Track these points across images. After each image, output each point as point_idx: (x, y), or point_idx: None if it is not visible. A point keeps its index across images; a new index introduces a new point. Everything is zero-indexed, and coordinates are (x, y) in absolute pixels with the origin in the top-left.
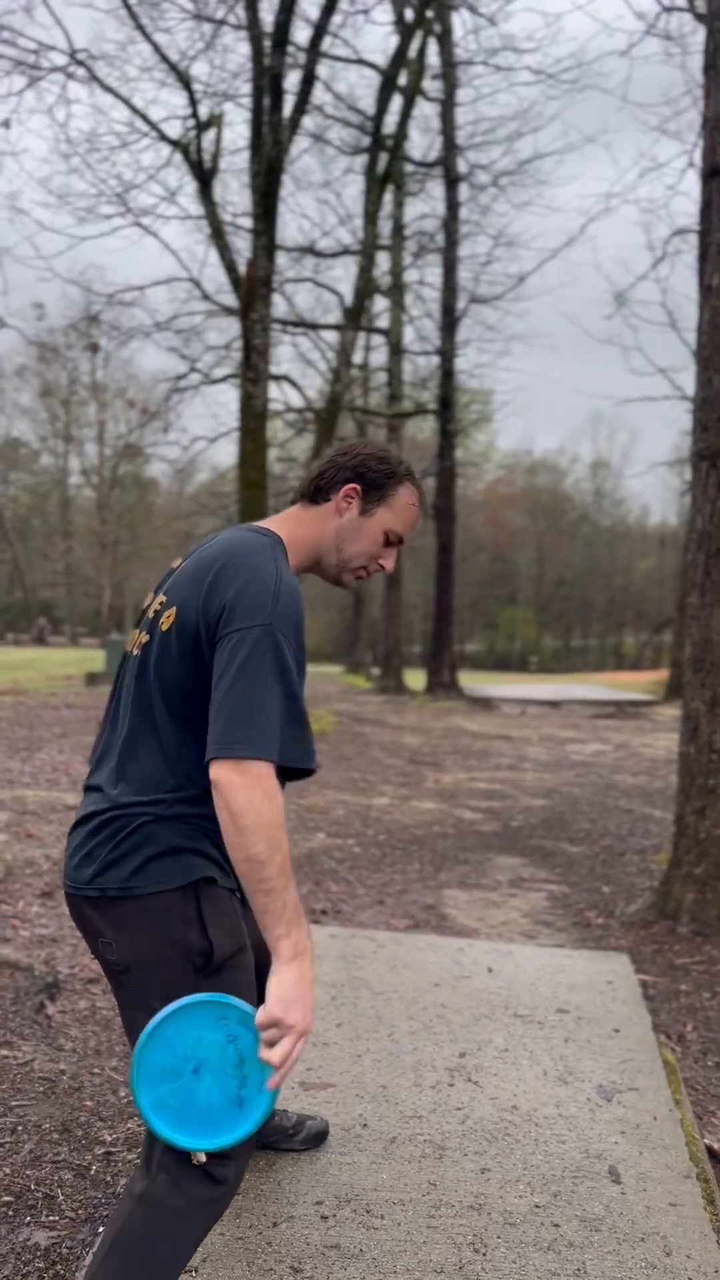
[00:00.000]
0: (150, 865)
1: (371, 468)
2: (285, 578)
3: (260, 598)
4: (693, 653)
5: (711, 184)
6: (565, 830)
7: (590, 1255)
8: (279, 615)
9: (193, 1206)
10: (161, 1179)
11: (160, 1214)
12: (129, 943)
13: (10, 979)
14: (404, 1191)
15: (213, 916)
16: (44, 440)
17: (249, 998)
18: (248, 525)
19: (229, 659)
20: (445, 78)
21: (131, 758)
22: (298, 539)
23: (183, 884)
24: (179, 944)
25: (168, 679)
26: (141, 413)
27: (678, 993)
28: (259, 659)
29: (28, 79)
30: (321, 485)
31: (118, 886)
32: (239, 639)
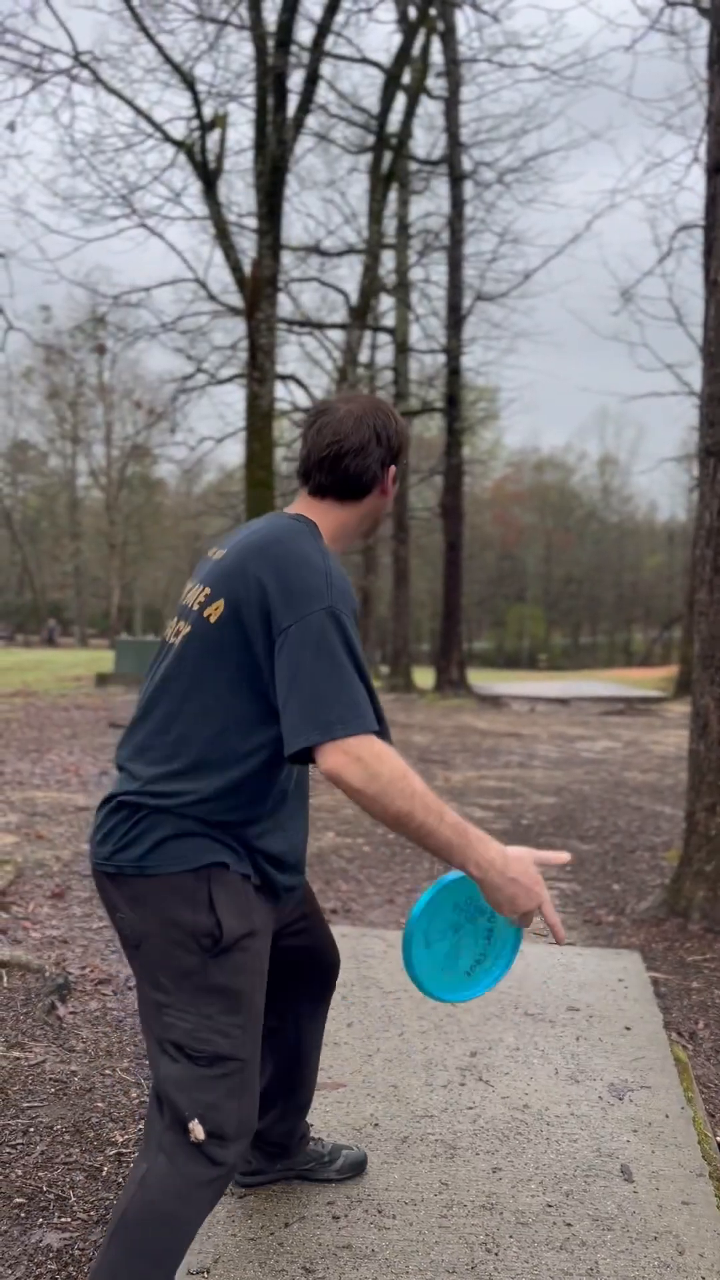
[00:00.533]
0: (163, 846)
1: (396, 435)
2: (333, 561)
3: (314, 582)
4: (702, 649)
5: (716, 179)
6: (575, 828)
7: (603, 1254)
8: (335, 595)
9: (192, 1186)
10: (161, 1160)
11: (161, 1195)
12: (140, 919)
13: (21, 980)
14: (415, 1191)
15: (222, 899)
16: (52, 442)
17: (255, 982)
18: (281, 513)
19: (298, 650)
20: (449, 75)
21: (161, 743)
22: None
23: (194, 866)
24: (186, 924)
25: (214, 671)
26: (148, 414)
27: (689, 990)
28: (329, 641)
29: (32, 81)
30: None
31: (133, 864)
32: (304, 625)
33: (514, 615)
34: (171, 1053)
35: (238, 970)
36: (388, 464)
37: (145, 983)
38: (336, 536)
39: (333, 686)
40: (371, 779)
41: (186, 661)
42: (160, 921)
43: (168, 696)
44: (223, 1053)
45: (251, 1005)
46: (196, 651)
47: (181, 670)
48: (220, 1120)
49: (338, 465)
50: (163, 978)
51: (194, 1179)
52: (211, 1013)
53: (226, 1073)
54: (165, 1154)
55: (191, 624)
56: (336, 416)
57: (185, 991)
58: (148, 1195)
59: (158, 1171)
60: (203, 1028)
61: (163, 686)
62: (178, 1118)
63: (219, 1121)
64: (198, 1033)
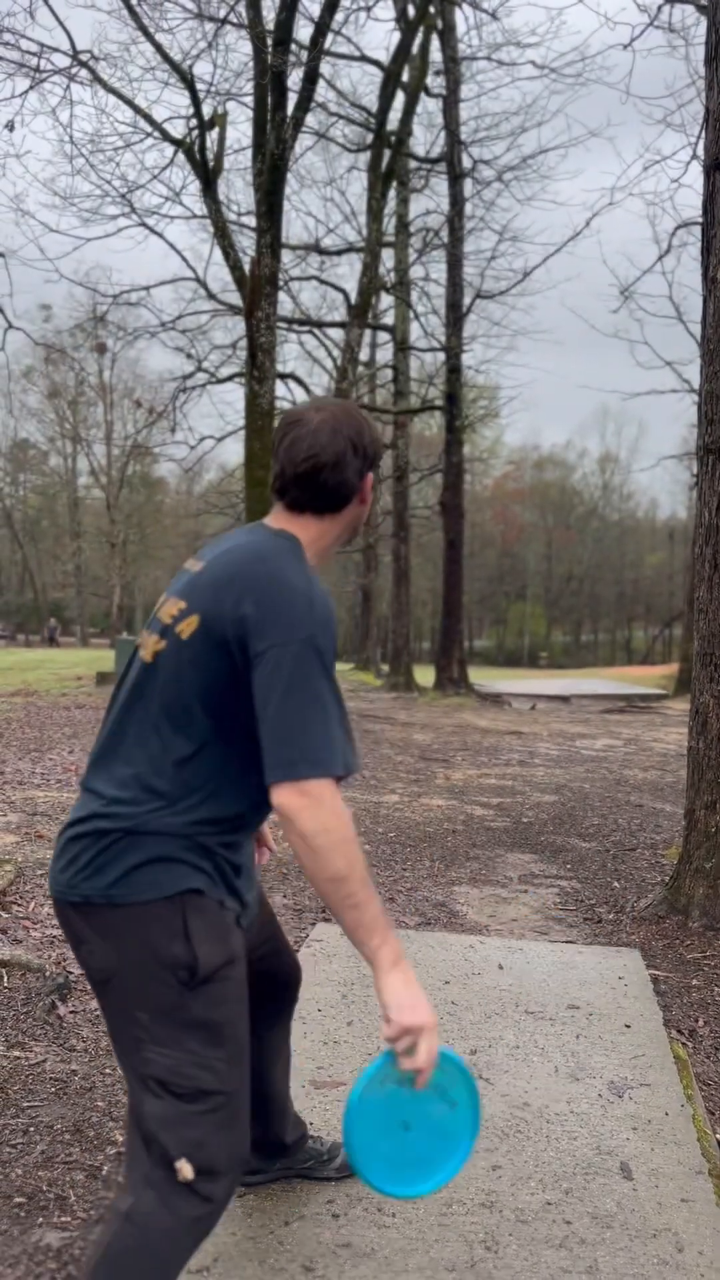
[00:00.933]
0: (134, 873)
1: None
2: (316, 584)
3: (296, 608)
4: (701, 647)
5: (715, 176)
6: (576, 826)
7: (602, 1252)
8: (317, 624)
9: (181, 1224)
10: (149, 1196)
11: (148, 1232)
12: (111, 952)
13: (21, 980)
14: None
15: (198, 929)
16: (52, 441)
17: (237, 1010)
18: (262, 525)
19: (273, 676)
20: (448, 73)
21: (130, 762)
22: (321, 547)
23: (168, 894)
24: (162, 956)
25: (186, 688)
26: (149, 413)
27: (689, 988)
28: (305, 673)
29: (31, 81)
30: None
31: (101, 893)
32: (281, 654)
33: (515, 613)
34: (154, 1089)
35: (218, 1002)
36: (364, 472)
37: (119, 1018)
38: (318, 550)
39: (303, 722)
40: (323, 830)
41: (157, 677)
42: (134, 954)
43: (138, 713)
44: (207, 1087)
45: (234, 1036)
46: (168, 667)
47: (152, 686)
48: (209, 1156)
49: (315, 480)
50: (138, 1013)
51: (184, 1216)
52: (193, 1047)
53: (213, 1108)
54: (153, 1190)
55: (164, 639)
56: (309, 428)
57: (164, 1027)
58: (134, 1232)
59: (145, 1208)
60: (185, 1063)
61: (131, 703)
62: (164, 1156)
63: (208, 1158)
64: (180, 1069)
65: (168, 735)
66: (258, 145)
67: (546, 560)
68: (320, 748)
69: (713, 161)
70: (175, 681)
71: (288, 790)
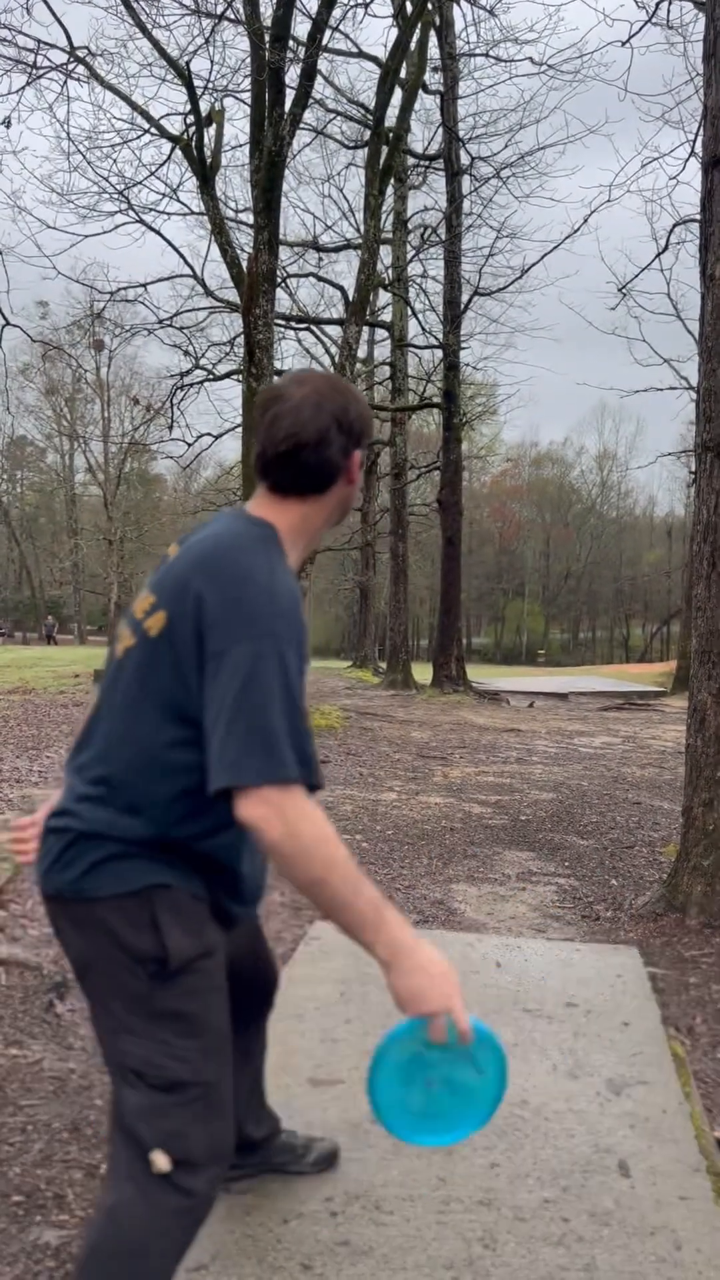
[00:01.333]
0: (100, 867)
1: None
2: (282, 579)
3: (258, 604)
4: (699, 645)
5: (713, 174)
6: (574, 823)
7: (600, 1249)
8: (279, 623)
9: (162, 1217)
10: (130, 1191)
11: (131, 1228)
12: (82, 943)
13: (19, 978)
14: (413, 1187)
15: (169, 921)
16: (49, 438)
17: (213, 1001)
18: (241, 511)
19: (230, 674)
20: (446, 70)
21: (102, 759)
22: (303, 531)
23: (132, 889)
24: (130, 949)
25: (152, 688)
26: (146, 410)
27: (687, 985)
28: (262, 673)
29: (28, 77)
30: (327, 473)
31: (69, 886)
32: (238, 652)
33: (512, 610)
34: (131, 1080)
35: (190, 993)
36: (351, 451)
37: (97, 1008)
38: (300, 534)
39: (258, 725)
40: (290, 837)
41: (124, 676)
42: (102, 946)
43: (106, 712)
44: (182, 1078)
45: (210, 1026)
46: (134, 666)
47: (119, 685)
48: (188, 1147)
49: (296, 460)
50: (112, 1004)
51: (165, 1210)
52: (166, 1038)
53: (190, 1099)
54: (133, 1184)
55: (134, 635)
56: (291, 404)
57: (137, 1017)
58: (117, 1228)
59: (126, 1202)
60: (158, 1054)
61: (103, 701)
62: (141, 1148)
63: (186, 1149)
64: (154, 1059)
65: (137, 734)
66: (255, 142)
67: (544, 558)
68: (278, 752)
69: (711, 158)
70: (141, 680)
71: (249, 801)
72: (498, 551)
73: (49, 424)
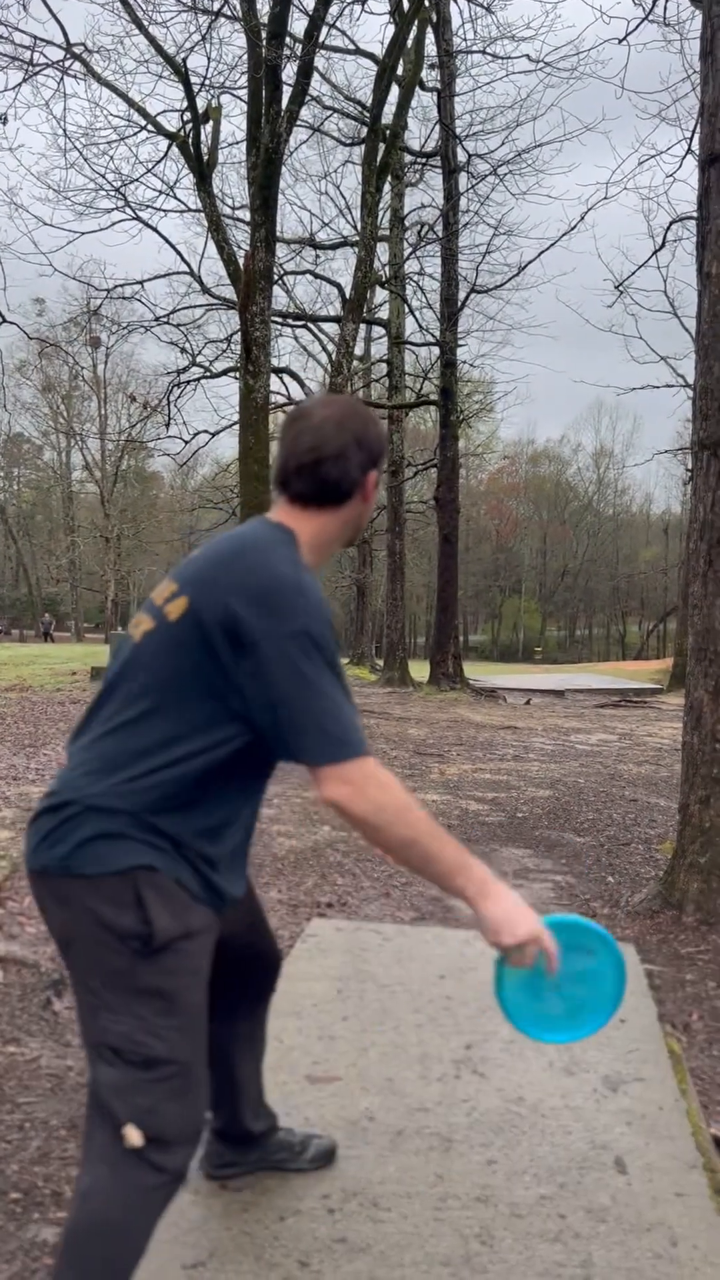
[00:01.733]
0: (88, 846)
1: (375, 441)
2: (305, 573)
3: (286, 596)
4: (695, 642)
5: (709, 171)
6: (570, 821)
7: (597, 1246)
8: (310, 613)
9: (136, 1194)
10: (103, 1170)
11: (105, 1206)
12: (67, 920)
13: (17, 975)
14: (411, 1184)
15: (153, 900)
16: (46, 435)
17: (191, 982)
18: (261, 518)
19: (275, 666)
20: (443, 67)
21: (103, 739)
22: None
23: (118, 869)
24: (113, 926)
25: (168, 669)
26: (143, 407)
27: (683, 982)
28: (311, 661)
29: (24, 73)
30: (345, 487)
31: (58, 863)
32: (282, 642)
33: (509, 608)
34: (107, 1057)
35: (171, 972)
36: (367, 469)
37: (78, 985)
38: (317, 544)
39: (319, 708)
40: (377, 809)
41: (143, 657)
42: (87, 922)
43: (119, 692)
44: (159, 1055)
45: (188, 1006)
46: (153, 648)
47: (137, 666)
48: (161, 1125)
49: (316, 472)
50: (92, 980)
51: (137, 1186)
52: (145, 1015)
53: (164, 1076)
54: (106, 1163)
55: (153, 619)
56: (314, 422)
57: (117, 994)
58: (93, 1207)
59: (100, 1181)
60: (137, 1030)
61: (116, 681)
62: (116, 1124)
63: (159, 1126)
64: (132, 1035)
65: (139, 717)
66: (252, 139)
67: (541, 555)
68: (345, 731)
69: (708, 156)
70: (155, 664)
71: (330, 780)
72: (494, 549)
73: (46, 421)
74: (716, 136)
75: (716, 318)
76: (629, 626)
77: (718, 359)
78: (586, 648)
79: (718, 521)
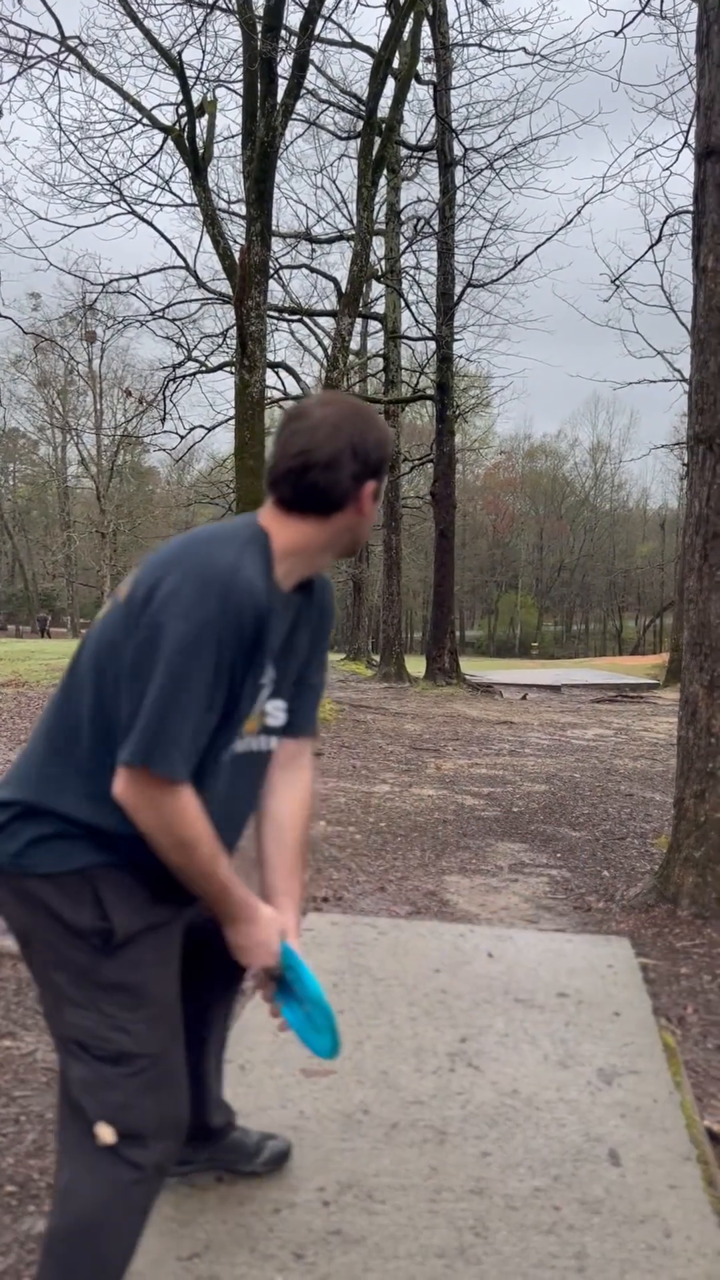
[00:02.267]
0: (39, 844)
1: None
2: (245, 577)
3: (198, 590)
4: (690, 637)
5: (705, 165)
6: (566, 815)
7: (590, 1237)
8: (223, 613)
9: (115, 1191)
10: (79, 1168)
11: (84, 1205)
12: (24, 915)
13: (13, 970)
14: (405, 1177)
15: (111, 898)
16: (41, 430)
17: (158, 974)
18: (247, 515)
19: (146, 649)
20: (439, 60)
21: (48, 730)
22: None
23: (73, 868)
24: (70, 923)
25: (101, 662)
26: (139, 402)
27: (678, 976)
28: (184, 658)
29: (19, 67)
30: (334, 497)
31: (10, 861)
32: (161, 630)
33: (506, 603)
34: (75, 1052)
35: (134, 965)
36: (364, 479)
37: (40, 980)
38: (296, 553)
39: (154, 709)
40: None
41: (84, 651)
42: (44, 920)
43: (62, 688)
44: (127, 1050)
45: (156, 998)
46: (93, 641)
47: (79, 660)
48: (135, 1120)
49: (303, 478)
50: (55, 975)
51: (115, 1183)
52: (111, 1010)
53: (136, 1070)
54: (82, 1160)
55: (105, 611)
56: (309, 422)
57: (80, 989)
58: (70, 1207)
59: (77, 1180)
60: (103, 1025)
61: (64, 677)
62: (86, 1122)
63: (133, 1121)
64: (98, 1031)
65: (84, 704)
66: (247, 132)
67: (538, 550)
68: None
69: (704, 149)
70: (92, 656)
71: (122, 779)
72: (491, 544)
73: (41, 416)
74: (712, 130)
75: (712, 312)
76: (625, 622)
77: (713, 353)
78: (583, 643)
79: (713, 516)
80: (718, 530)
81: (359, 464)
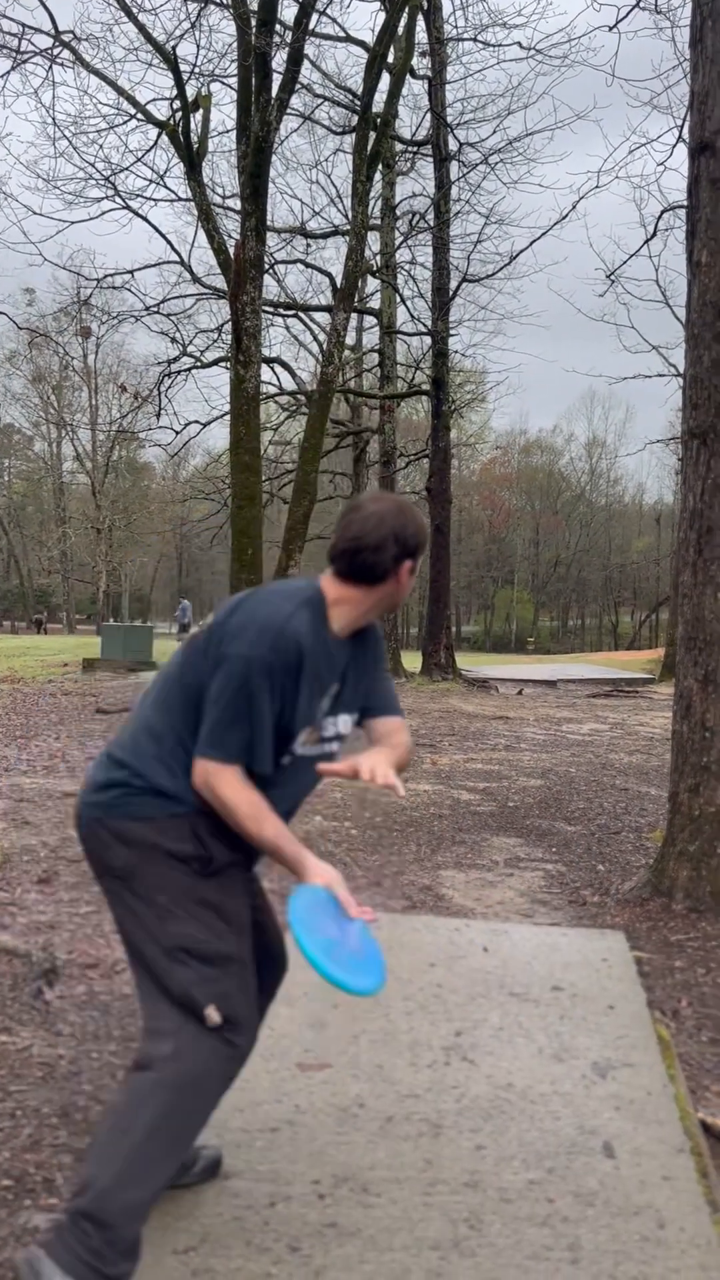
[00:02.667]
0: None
1: (413, 537)
2: (299, 624)
3: (265, 633)
4: (685, 631)
5: (699, 160)
6: (561, 810)
7: (584, 1229)
8: (275, 652)
9: (214, 1060)
10: (186, 1038)
11: (189, 1066)
12: (127, 854)
13: (9, 965)
14: (400, 1170)
15: (206, 835)
16: (37, 426)
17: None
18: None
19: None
20: (434, 55)
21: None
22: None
23: (175, 812)
24: (175, 852)
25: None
26: (134, 397)
27: (672, 969)
28: (235, 684)
29: (12, 61)
30: (378, 573)
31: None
32: (230, 660)
33: (502, 599)
34: (181, 958)
35: (227, 890)
36: (402, 559)
37: (142, 904)
38: (347, 609)
39: (221, 718)
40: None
41: (173, 663)
42: (149, 852)
43: (157, 686)
44: (225, 952)
45: (241, 924)
46: (187, 655)
47: (169, 669)
48: (234, 1007)
49: (356, 558)
50: (159, 897)
51: (216, 1055)
52: (209, 921)
53: (232, 971)
54: (189, 1034)
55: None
56: (363, 514)
57: (184, 906)
58: (177, 1068)
59: (184, 1049)
60: (204, 932)
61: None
62: (193, 1008)
63: (233, 1008)
64: (201, 936)
65: (168, 711)
66: (242, 127)
67: (534, 545)
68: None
69: (698, 144)
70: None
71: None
72: (487, 539)
73: (36, 412)
74: (706, 124)
75: (706, 307)
76: (621, 617)
77: (707, 348)
78: (579, 638)
79: (707, 510)
80: (712, 525)
81: (399, 548)
